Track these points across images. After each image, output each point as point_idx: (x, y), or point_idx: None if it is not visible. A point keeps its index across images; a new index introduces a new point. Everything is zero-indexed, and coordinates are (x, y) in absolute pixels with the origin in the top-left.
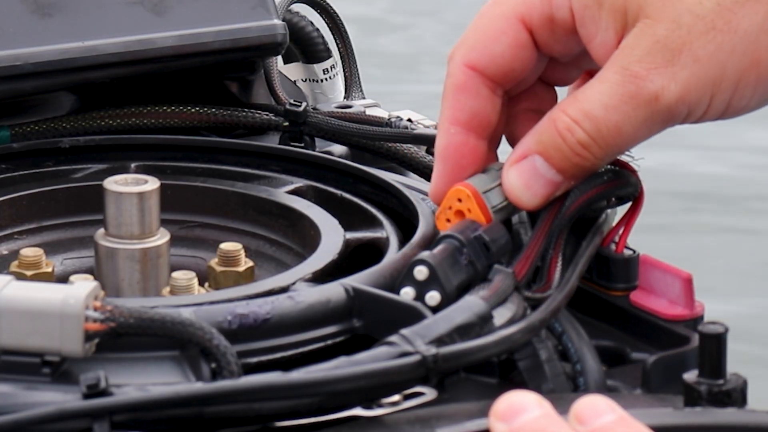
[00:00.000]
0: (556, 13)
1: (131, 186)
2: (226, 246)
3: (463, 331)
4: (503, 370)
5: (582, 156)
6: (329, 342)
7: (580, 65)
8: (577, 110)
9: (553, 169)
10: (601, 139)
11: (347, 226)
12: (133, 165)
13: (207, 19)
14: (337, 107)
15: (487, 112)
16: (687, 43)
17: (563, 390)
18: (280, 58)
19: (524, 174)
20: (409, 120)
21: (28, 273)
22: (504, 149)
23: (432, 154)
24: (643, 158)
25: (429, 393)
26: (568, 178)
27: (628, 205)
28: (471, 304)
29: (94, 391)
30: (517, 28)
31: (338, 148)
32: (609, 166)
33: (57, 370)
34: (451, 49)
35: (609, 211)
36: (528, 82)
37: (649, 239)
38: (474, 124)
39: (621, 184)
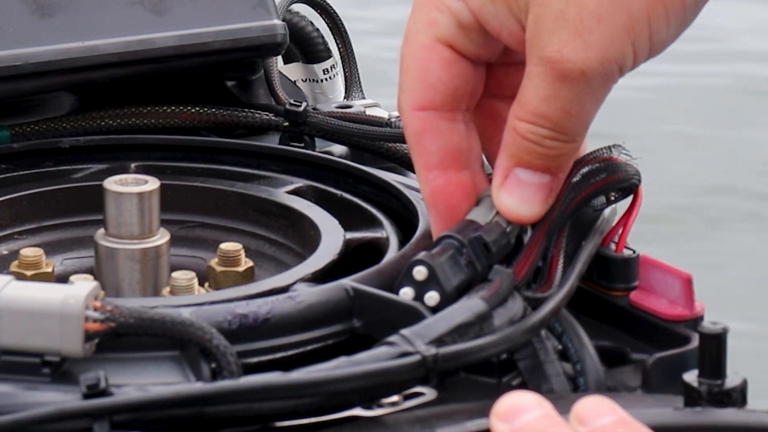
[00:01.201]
0: (461, 19)
1: (131, 186)
2: (226, 246)
3: (463, 331)
4: (503, 370)
5: (557, 148)
6: (329, 342)
7: (514, 62)
8: (526, 112)
9: (538, 173)
10: (560, 128)
11: (347, 226)
12: (133, 165)
13: (207, 19)
14: (337, 107)
15: (454, 144)
16: (584, 8)
17: (563, 390)
18: (280, 58)
19: (514, 191)
20: None
21: (28, 273)
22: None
23: None
24: (641, 157)
25: (429, 393)
26: (555, 173)
27: (628, 205)
28: (471, 304)
29: (94, 391)
30: (438, 49)
31: (338, 148)
32: (605, 156)
33: (57, 370)
34: (396, 103)
35: (608, 210)
36: (477, 95)
37: None
38: (447, 161)
39: (621, 177)
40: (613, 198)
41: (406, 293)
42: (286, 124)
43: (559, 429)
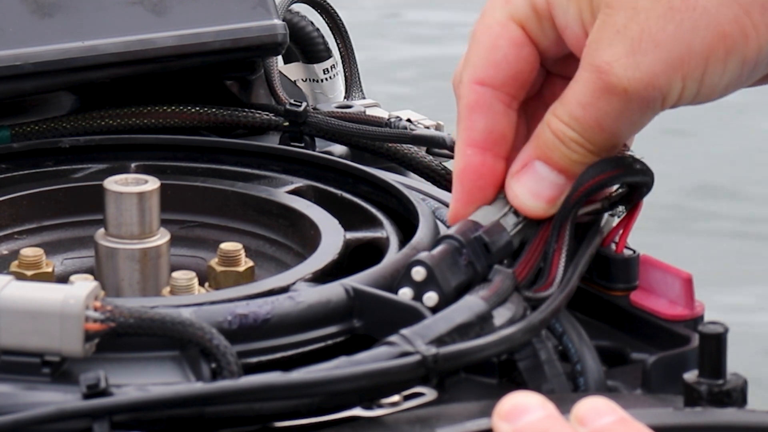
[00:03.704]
0: (536, 4)
1: (131, 186)
2: (226, 246)
3: (463, 331)
4: (503, 370)
5: (579, 153)
6: (329, 342)
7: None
8: (563, 111)
9: (555, 171)
10: (588, 137)
11: (347, 226)
12: (133, 165)
13: (207, 19)
14: (337, 107)
15: (502, 128)
16: (646, 29)
17: (563, 390)
18: (280, 58)
19: (528, 182)
20: (409, 120)
21: (28, 273)
22: None
23: (432, 154)
24: (644, 156)
25: (429, 393)
26: (570, 177)
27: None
28: (471, 304)
29: (94, 391)
30: (511, 28)
31: (338, 148)
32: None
33: (57, 370)
34: (454, 75)
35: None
36: (533, 91)
37: None
38: (490, 143)
39: (627, 172)
40: (616, 196)
41: (405, 293)
42: (286, 124)
43: (561, 429)
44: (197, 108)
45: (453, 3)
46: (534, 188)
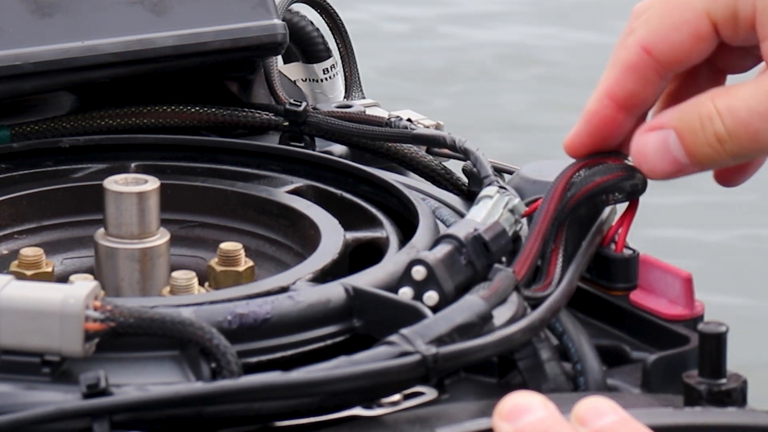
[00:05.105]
0: (740, 10)
1: (131, 186)
2: (226, 246)
3: (463, 330)
4: (503, 370)
5: (713, 148)
6: (329, 342)
7: (756, 55)
8: (725, 103)
9: (683, 150)
10: (737, 140)
11: (347, 226)
12: (133, 165)
13: (207, 19)
14: (337, 107)
15: (647, 95)
16: None
17: (563, 390)
18: (280, 57)
19: (653, 145)
20: (409, 120)
21: (28, 273)
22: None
23: (432, 153)
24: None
25: (429, 393)
26: (694, 163)
27: (627, 205)
28: (471, 304)
29: (94, 390)
30: (702, 21)
31: (338, 148)
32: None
33: (57, 369)
34: (634, 9)
35: (608, 210)
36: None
37: None
38: (630, 104)
39: (625, 176)
40: (613, 199)
41: (405, 293)
42: (286, 123)
43: (561, 429)
44: (197, 108)
45: None
46: (657, 154)
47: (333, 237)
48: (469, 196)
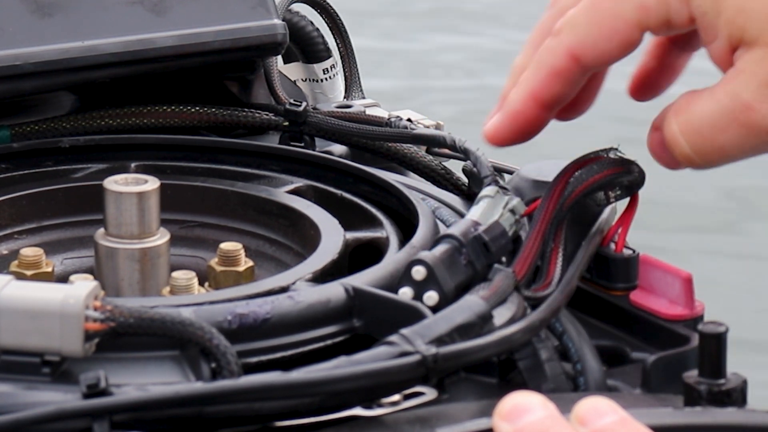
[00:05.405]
0: (673, 17)
1: (131, 186)
2: (226, 246)
3: (463, 330)
4: (503, 370)
5: (684, 164)
6: (329, 342)
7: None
8: (686, 123)
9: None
10: (704, 155)
11: (347, 226)
12: (133, 165)
13: (207, 19)
14: (337, 107)
15: (570, 94)
16: None
17: (563, 390)
18: (280, 57)
19: (656, 144)
20: (409, 120)
21: (28, 273)
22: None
23: (432, 153)
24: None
25: (429, 393)
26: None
27: (627, 204)
28: (471, 304)
29: (94, 390)
30: (633, 31)
31: (338, 148)
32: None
33: (57, 369)
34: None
35: (609, 209)
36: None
37: None
38: (553, 104)
39: (622, 171)
40: (613, 196)
41: (405, 293)
42: (286, 123)
43: (562, 429)
44: (197, 108)
45: None
46: (662, 153)
47: (333, 237)
48: (469, 196)
